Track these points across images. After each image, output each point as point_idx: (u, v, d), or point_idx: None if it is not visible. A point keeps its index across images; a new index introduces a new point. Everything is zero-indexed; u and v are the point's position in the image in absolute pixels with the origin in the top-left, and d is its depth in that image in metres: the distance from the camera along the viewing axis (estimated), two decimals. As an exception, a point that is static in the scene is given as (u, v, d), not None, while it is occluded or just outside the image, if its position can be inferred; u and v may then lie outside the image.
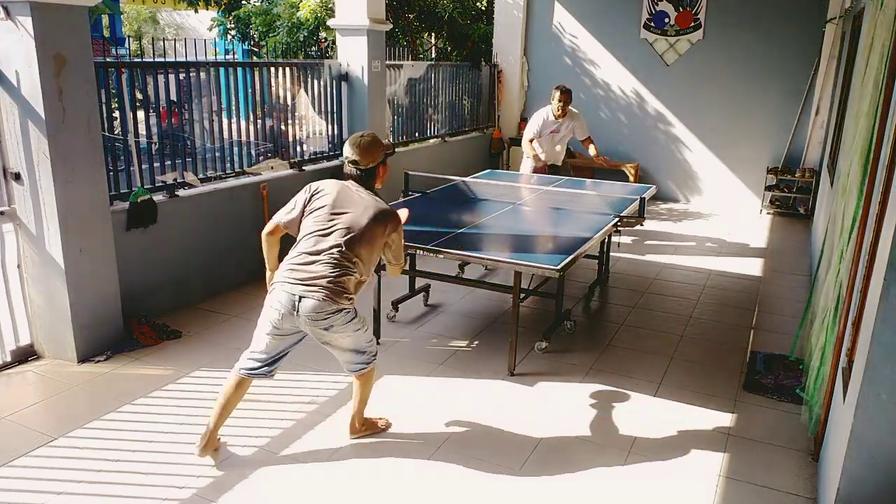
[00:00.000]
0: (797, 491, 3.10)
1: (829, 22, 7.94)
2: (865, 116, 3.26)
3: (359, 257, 3.07)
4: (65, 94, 3.85)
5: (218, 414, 3.16)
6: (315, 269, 3.00)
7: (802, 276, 6.22)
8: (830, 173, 5.93)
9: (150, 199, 4.70)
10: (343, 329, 3.07)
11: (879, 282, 2.28)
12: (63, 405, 3.72)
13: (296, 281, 3.00)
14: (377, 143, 3.16)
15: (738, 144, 8.88)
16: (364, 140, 3.14)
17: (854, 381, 2.49)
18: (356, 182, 3.17)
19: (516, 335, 4.11)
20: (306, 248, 3.06)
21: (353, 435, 3.40)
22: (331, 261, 3.01)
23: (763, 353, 4.50)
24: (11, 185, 4.01)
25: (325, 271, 2.99)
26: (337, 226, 3.05)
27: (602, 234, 4.55)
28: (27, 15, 3.64)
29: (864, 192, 2.96)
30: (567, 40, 9.56)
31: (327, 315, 2.98)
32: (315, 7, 9.72)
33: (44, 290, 4.11)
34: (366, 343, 3.23)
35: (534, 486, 3.10)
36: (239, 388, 3.17)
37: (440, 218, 4.87)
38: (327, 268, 3.00)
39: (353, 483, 3.10)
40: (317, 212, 3.10)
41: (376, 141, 3.16)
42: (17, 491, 2.98)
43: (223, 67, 5.50)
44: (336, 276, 2.99)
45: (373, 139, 3.15)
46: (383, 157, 3.20)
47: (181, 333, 4.58)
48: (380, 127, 7.02)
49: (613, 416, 3.73)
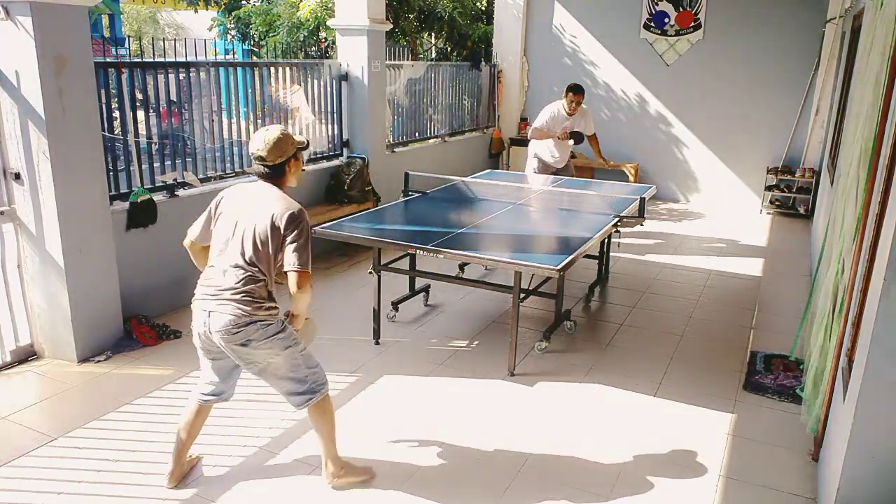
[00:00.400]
0: (797, 491, 3.10)
1: (829, 22, 7.94)
2: (865, 116, 3.26)
3: (263, 263, 2.79)
4: (65, 94, 3.85)
5: (182, 442, 3.01)
6: (220, 281, 2.78)
7: (802, 276, 6.22)
8: (830, 173, 5.94)
9: (150, 199, 4.70)
10: (266, 345, 2.77)
11: (879, 282, 2.28)
12: (63, 405, 3.72)
13: (205, 296, 2.80)
14: (286, 137, 2.84)
15: (738, 144, 8.88)
16: (270, 134, 2.81)
17: (854, 381, 2.49)
18: (265, 180, 2.86)
19: (516, 335, 4.11)
20: (212, 259, 2.86)
21: (331, 481, 3.03)
22: (234, 270, 2.77)
23: (763, 353, 4.50)
24: (11, 185, 4.01)
25: (230, 282, 2.76)
26: (237, 233, 2.79)
27: (602, 234, 4.55)
28: (27, 15, 3.64)
29: (864, 193, 2.96)
30: (567, 40, 9.56)
31: (238, 328, 2.72)
32: (315, 7, 9.72)
33: (44, 290, 4.12)
34: (306, 368, 2.90)
35: (534, 486, 3.10)
36: (199, 415, 3.03)
37: (440, 218, 4.88)
38: (231, 279, 2.76)
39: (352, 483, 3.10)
40: (220, 220, 2.86)
41: (285, 134, 2.84)
42: (17, 491, 2.98)
43: (223, 67, 5.50)
44: (242, 284, 2.75)
45: (281, 132, 2.83)
46: (293, 151, 2.87)
47: (181, 333, 4.58)
48: (380, 127, 7.02)
49: (613, 416, 3.73)
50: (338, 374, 4.05)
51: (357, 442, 3.40)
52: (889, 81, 2.77)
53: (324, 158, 6.59)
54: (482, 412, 3.71)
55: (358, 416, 3.65)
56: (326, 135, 6.63)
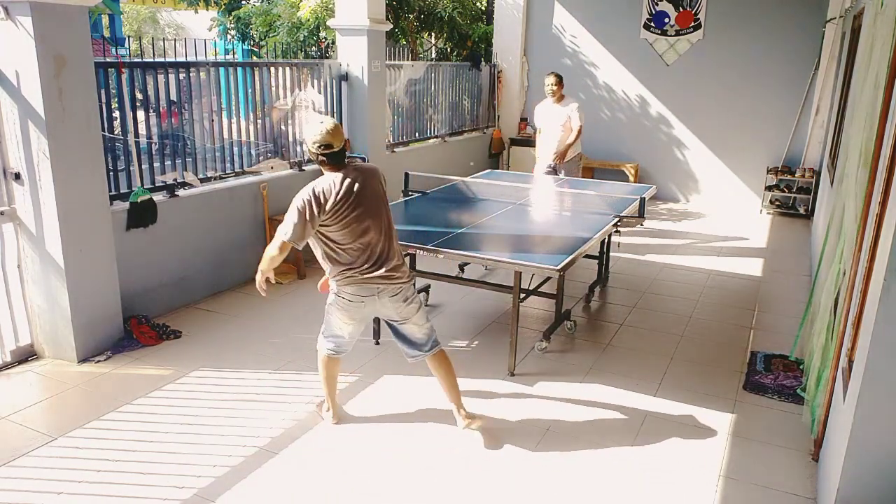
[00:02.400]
0: (797, 491, 3.10)
1: (829, 22, 7.94)
2: (866, 116, 3.26)
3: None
4: (65, 94, 3.85)
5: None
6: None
7: (802, 276, 6.22)
8: (830, 173, 5.93)
9: (150, 199, 4.70)
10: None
11: (879, 282, 2.28)
12: (63, 405, 3.72)
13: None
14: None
15: (738, 144, 8.87)
16: (329, 122, 3.15)
17: (854, 381, 2.49)
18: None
19: (516, 335, 4.10)
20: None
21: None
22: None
23: (763, 353, 4.50)
24: (11, 185, 4.01)
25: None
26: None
27: (602, 234, 4.55)
28: (27, 15, 3.64)
29: (864, 192, 2.96)
30: (567, 40, 9.56)
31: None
32: (315, 7, 9.71)
33: (44, 290, 4.12)
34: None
35: (534, 486, 3.10)
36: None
37: (440, 218, 4.88)
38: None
39: (352, 483, 3.10)
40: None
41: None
42: (18, 491, 2.98)
43: (223, 67, 5.50)
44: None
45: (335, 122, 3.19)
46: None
47: (181, 333, 4.58)
48: (380, 127, 7.02)
49: (613, 417, 3.73)
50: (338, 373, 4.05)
51: (357, 442, 3.40)
52: (889, 81, 2.78)
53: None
54: (482, 412, 3.71)
55: (358, 416, 3.65)
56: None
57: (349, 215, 3.10)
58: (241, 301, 5.16)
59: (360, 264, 3.19)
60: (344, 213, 3.09)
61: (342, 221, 3.10)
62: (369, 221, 3.16)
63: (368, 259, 3.19)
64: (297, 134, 6.28)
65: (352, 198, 3.11)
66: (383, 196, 3.29)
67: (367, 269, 3.19)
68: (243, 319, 4.84)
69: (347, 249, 3.16)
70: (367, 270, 3.19)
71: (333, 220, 3.09)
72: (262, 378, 4.02)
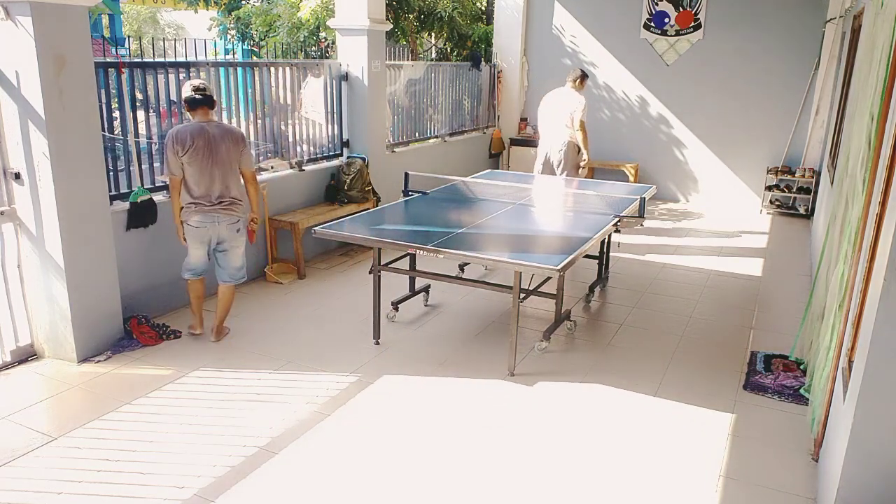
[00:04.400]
0: (797, 491, 3.10)
1: (829, 22, 7.95)
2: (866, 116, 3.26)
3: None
4: (65, 94, 3.85)
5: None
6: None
7: (802, 276, 6.23)
8: (830, 173, 5.94)
9: (150, 199, 4.70)
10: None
11: (879, 282, 2.28)
12: (63, 405, 3.72)
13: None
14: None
15: (738, 144, 8.88)
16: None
17: (854, 381, 2.49)
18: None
19: (516, 335, 4.11)
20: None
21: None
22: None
23: (763, 353, 4.50)
24: (11, 185, 4.01)
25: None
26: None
27: (602, 234, 4.55)
28: (27, 15, 3.64)
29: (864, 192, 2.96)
30: (567, 40, 9.56)
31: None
32: (315, 7, 9.72)
33: (44, 290, 4.11)
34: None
35: (533, 486, 3.10)
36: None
37: (440, 218, 4.88)
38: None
39: (352, 483, 3.10)
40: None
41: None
42: (18, 491, 2.98)
43: (223, 67, 5.50)
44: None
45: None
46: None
47: (181, 333, 4.58)
48: (380, 127, 7.02)
49: (613, 417, 3.73)
50: (337, 374, 4.06)
51: (356, 442, 3.40)
52: (889, 81, 2.77)
53: (324, 158, 6.59)
54: (482, 412, 3.71)
55: (357, 416, 3.65)
56: (326, 135, 6.63)
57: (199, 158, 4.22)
58: (240, 301, 5.16)
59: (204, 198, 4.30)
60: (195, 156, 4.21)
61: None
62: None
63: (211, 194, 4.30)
64: (298, 134, 6.29)
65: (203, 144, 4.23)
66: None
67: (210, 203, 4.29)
68: (243, 319, 4.84)
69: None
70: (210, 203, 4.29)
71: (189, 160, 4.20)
72: (262, 378, 4.02)
